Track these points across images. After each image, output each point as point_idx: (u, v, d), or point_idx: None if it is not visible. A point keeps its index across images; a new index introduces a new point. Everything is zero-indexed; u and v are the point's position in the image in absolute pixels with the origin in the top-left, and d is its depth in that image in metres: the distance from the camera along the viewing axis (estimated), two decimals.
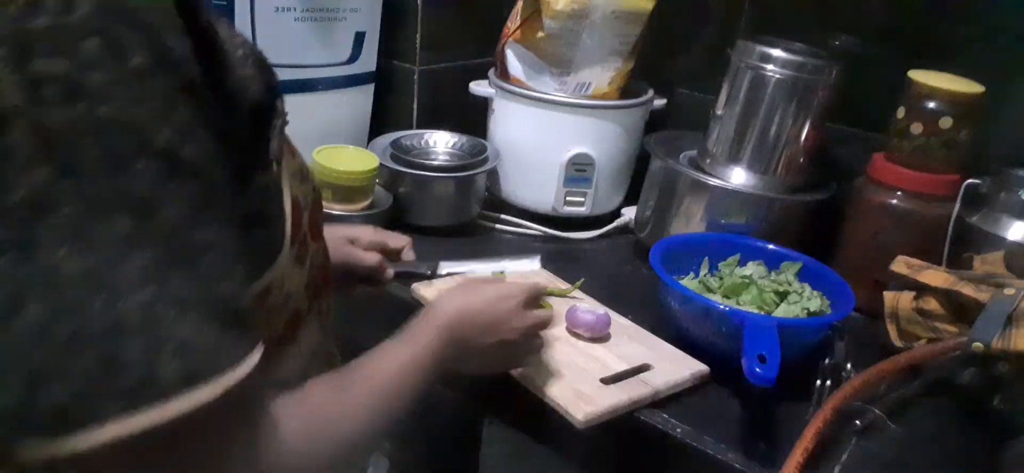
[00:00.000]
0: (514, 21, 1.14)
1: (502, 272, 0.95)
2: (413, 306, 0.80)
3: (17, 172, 0.35)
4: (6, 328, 0.36)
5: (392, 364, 0.59)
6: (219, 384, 0.39)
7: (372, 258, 0.84)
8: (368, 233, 0.86)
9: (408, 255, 0.89)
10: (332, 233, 0.71)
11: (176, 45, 0.40)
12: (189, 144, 0.40)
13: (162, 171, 0.38)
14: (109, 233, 0.37)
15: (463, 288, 0.70)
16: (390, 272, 0.87)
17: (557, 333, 0.83)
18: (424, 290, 0.90)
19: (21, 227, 0.36)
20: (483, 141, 1.20)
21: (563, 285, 0.95)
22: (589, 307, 0.86)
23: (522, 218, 1.18)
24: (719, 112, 1.04)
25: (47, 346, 0.36)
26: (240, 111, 0.47)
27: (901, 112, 0.93)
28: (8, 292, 0.36)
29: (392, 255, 0.88)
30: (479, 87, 1.19)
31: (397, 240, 0.88)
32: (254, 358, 0.42)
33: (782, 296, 0.87)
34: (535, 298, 0.73)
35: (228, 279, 0.42)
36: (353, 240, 0.84)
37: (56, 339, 0.36)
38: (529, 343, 0.73)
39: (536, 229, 1.16)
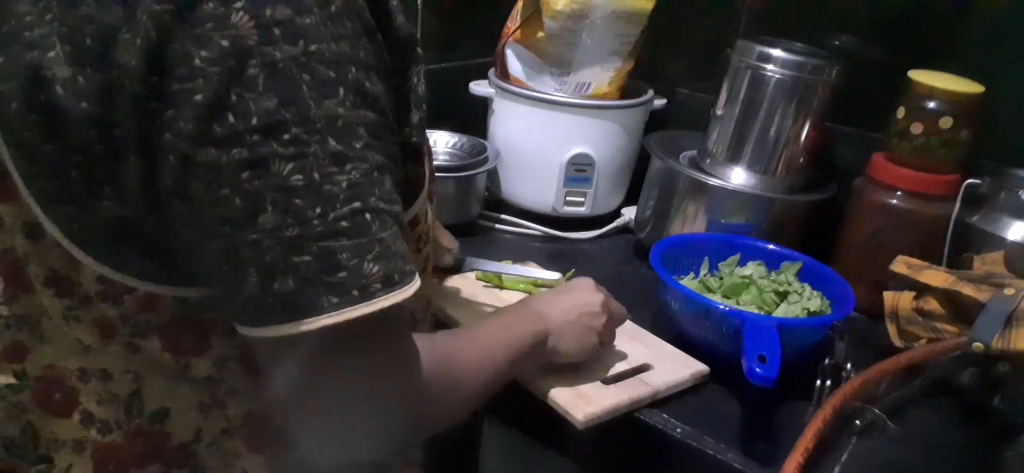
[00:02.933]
0: (514, 21, 1.14)
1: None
2: None
3: (253, 100, 0.41)
4: (247, 230, 0.43)
5: (502, 341, 0.64)
6: (409, 288, 0.46)
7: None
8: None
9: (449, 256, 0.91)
10: None
11: None
12: (368, 81, 0.46)
13: (355, 101, 0.44)
14: (323, 152, 0.43)
15: (557, 289, 0.76)
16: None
17: None
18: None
19: (256, 147, 0.42)
20: (483, 141, 1.20)
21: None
22: None
23: (522, 218, 1.18)
24: (719, 112, 1.04)
25: (279, 246, 0.43)
26: (401, 55, 0.52)
27: (901, 112, 0.93)
28: (248, 201, 0.42)
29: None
30: (479, 87, 1.19)
31: (449, 241, 0.90)
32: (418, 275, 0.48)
33: (782, 296, 0.87)
34: (619, 310, 0.78)
35: (398, 201, 0.48)
36: None
37: (285, 240, 0.43)
38: (611, 336, 0.77)
39: (536, 229, 1.16)
